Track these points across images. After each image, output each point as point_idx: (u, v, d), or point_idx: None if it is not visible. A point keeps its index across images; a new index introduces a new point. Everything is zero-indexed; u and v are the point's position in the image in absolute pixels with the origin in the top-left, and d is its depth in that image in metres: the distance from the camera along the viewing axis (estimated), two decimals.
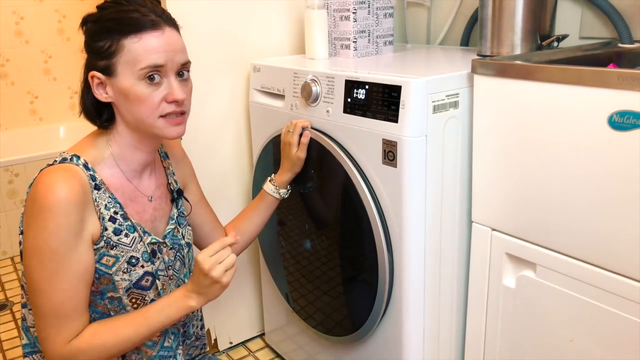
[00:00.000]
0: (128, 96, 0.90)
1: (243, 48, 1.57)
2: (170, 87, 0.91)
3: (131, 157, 0.97)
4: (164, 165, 1.09)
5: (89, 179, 0.90)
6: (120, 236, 0.93)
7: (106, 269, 0.92)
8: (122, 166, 0.96)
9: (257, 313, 1.83)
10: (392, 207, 1.12)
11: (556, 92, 0.93)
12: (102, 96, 0.92)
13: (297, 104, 1.33)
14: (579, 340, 0.99)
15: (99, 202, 0.91)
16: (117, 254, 0.93)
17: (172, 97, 0.91)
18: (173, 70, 0.91)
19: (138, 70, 0.88)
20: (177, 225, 1.06)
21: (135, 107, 0.90)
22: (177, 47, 0.92)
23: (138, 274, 0.95)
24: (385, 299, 1.18)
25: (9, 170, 2.57)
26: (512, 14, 1.23)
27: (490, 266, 1.13)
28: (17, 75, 3.00)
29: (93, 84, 0.92)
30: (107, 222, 0.92)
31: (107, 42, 0.89)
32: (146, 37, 0.88)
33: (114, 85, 0.90)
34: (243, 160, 1.66)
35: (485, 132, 1.08)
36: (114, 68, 0.89)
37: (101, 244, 0.91)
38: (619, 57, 1.20)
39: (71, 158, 0.91)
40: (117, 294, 0.94)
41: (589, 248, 0.94)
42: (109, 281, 0.93)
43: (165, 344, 1.02)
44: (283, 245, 1.48)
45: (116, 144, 0.96)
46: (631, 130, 0.84)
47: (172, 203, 1.07)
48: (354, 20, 1.42)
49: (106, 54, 0.89)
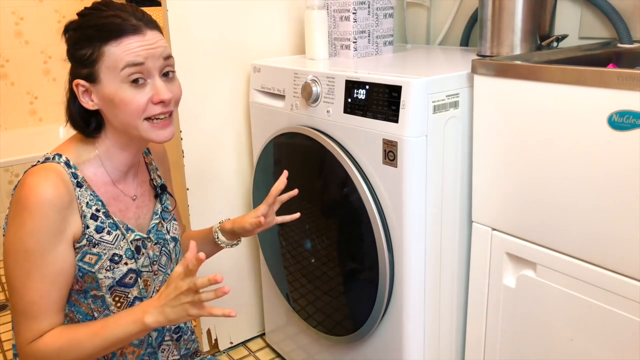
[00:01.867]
0: (113, 101, 0.89)
1: (243, 48, 1.57)
2: (155, 88, 0.90)
3: (118, 158, 0.97)
4: (146, 160, 1.09)
5: (71, 176, 0.90)
6: (103, 234, 0.93)
7: (89, 267, 0.92)
8: (108, 166, 0.96)
9: (258, 313, 1.84)
10: (393, 207, 1.12)
11: (556, 92, 0.93)
12: (88, 104, 0.92)
13: (297, 104, 1.33)
14: (579, 339, 0.99)
15: (81, 200, 0.91)
16: (99, 252, 0.93)
17: (158, 97, 0.90)
18: (157, 70, 0.91)
19: (119, 72, 0.88)
20: (161, 220, 1.06)
21: (121, 111, 0.90)
22: (158, 46, 0.91)
23: (122, 271, 0.95)
24: (385, 298, 1.18)
25: (8, 170, 2.57)
26: (511, 14, 1.23)
27: (490, 266, 1.13)
28: (16, 75, 3.00)
29: (78, 92, 0.91)
30: (89, 220, 0.92)
31: (89, 50, 0.88)
32: (125, 40, 0.88)
33: (98, 92, 0.90)
34: (243, 160, 1.66)
35: (486, 132, 1.08)
36: (97, 75, 0.89)
37: (83, 242, 0.91)
38: (618, 57, 1.20)
39: (53, 157, 0.91)
40: (100, 292, 0.94)
41: (589, 247, 0.94)
42: (93, 279, 0.93)
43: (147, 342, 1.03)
44: (283, 245, 1.48)
45: (103, 145, 0.96)
46: (631, 130, 0.84)
47: (156, 199, 1.07)
48: (354, 21, 1.42)
49: (88, 61, 0.89)
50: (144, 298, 1.00)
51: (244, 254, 1.73)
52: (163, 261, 1.05)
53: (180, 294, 0.83)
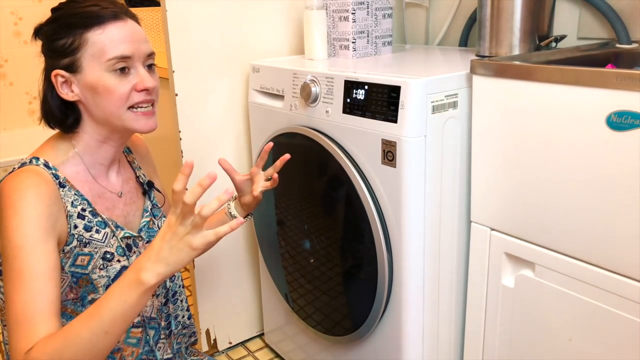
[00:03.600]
0: (97, 89, 0.89)
1: (242, 49, 1.57)
2: (139, 76, 0.91)
3: (97, 152, 0.95)
4: (129, 159, 1.09)
5: (52, 177, 0.88)
6: (92, 232, 0.92)
7: (82, 269, 0.91)
8: (88, 162, 0.95)
9: (257, 313, 1.84)
10: (392, 207, 1.12)
11: (555, 92, 0.94)
12: (67, 95, 0.91)
13: (296, 104, 1.33)
14: (577, 339, 0.99)
15: (65, 200, 0.89)
16: (91, 251, 0.91)
17: (142, 85, 0.90)
18: (140, 60, 0.91)
19: (105, 62, 0.88)
20: (152, 217, 1.05)
21: (104, 100, 0.89)
22: (141, 38, 0.92)
23: (115, 269, 0.94)
24: (384, 298, 1.18)
25: (7, 170, 2.56)
26: (510, 15, 1.24)
27: (489, 266, 1.13)
28: (15, 75, 3.00)
29: (57, 83, 0.90)
30: (76, 219, 0.90)
31: (70, 39, 0.88)
32: (109, 27, 0.88)
33: (80, 81, 0.89)
34: (242, 160, 1.66)
35: (484, 132, 1.08)
36: (79, 63, 0.88)
37: (74, 242, 0.89)
38: (616, 57, 1.20)
39: (30, 161, 0.89)
40: (97, 295, 0.92)
41: (588, 247, 0.94)
42: (88, 282, 0.91)
43: (145, 340, 1.02)
44: (282, 245, 1.48)
45: (82, 141, 0.94)
46: (629, 130, 0.84)
47: (144, 196, 1.06)
48: (352, 21, 1.42)
49: (69, 50, 0.88)
50: None
51: (243, 254, 1.73)
52: None
53: (177, 231, 0.74)
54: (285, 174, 1.42)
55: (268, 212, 1.49)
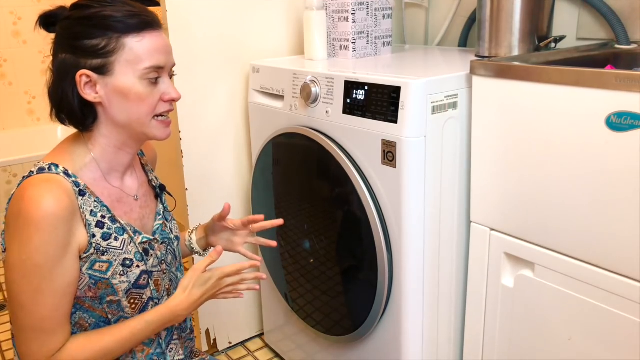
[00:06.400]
0: (128, 95, 0.89)
1: (242, 49, 1.57)
2: (166, 87, 0.93)
3: (114, 159, 0.95)
4: (142, 162, 1.09)
5: (73, 185, 0.87)
6: (110, 240, 0.92)
7: (101, 274, 0.91)
8: (105, 169, 0.95)
9: (256, 313, 1.84)
10: (392, 207, 1.13)
11: (554, 93, 0.94)
12: (89, 96, 0.89)
13: (296, 104, 1.33)
14: (577, 339, 1.00)
15: (84, 209, 0.89)
16: (109, 259, 0.91)
17: (169, 96, 0.92)
18: (167, 71, 0.93)
19: (141, 70, 0.88)
20: (164, 220, 1.06)
21: (133, 106, 0.90)
22: (170, 49, 0.94)
23: (135, 274, 0.95)
24: (384, 298, 1.18)
25: (7, 170, 2.56)
26: (510, 15, 1.24)
27: (489, 266, 1.13)
28: (14, 75, 3.00)
29: (81, 82, 0.88)
30: (94, 228, 0.90)
31: (105, 40, 0.87)
32: (147, 36, 0.88)
33: (108, 84, 0.88)
34: (242, 160, 1.67)
35: (484, 133, 1.08)
36: (112, 67, 0.88)
37: (91, 251, 0.89)
38: (616, 58, 1.20)
39: (49, 167, 0.88)
40: (116, 297, 0.93)
41: (587, 248, 0.95)
42: (107, 285, 0.92)
43: (158, 343, 1.03)
44: (282, 245, 1.48)
45: (99, 146, 0.94)
46: (629, 130, 0.85)
47: (157, 199, 1.07)
48: (352, 21, 1.42)
49: (102, 52, 0.87)
50: (155, 298, 0.99)
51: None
52: (169, 260, 1.05)
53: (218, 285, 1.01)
54: (285, 174, 1.42)
55: (268, 212, 1.49)
